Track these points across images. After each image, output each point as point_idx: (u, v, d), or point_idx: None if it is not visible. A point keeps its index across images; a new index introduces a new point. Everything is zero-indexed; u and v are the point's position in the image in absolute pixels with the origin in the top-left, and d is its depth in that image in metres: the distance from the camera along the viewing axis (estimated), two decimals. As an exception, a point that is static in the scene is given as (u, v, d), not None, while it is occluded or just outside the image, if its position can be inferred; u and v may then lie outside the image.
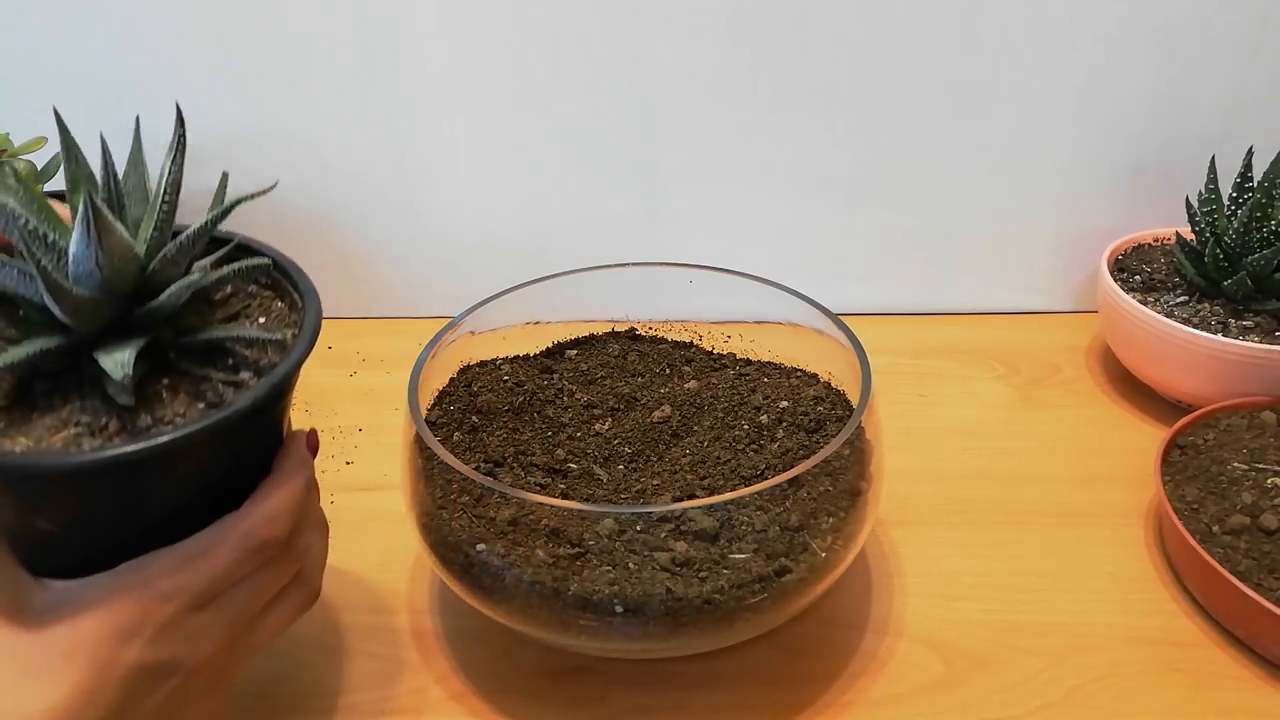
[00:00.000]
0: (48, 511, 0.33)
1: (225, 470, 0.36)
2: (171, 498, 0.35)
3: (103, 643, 0.32)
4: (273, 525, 0.36)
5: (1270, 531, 0.51)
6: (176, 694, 0.34)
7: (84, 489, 0.33)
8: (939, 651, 0.50)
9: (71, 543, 0.34)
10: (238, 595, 0.36)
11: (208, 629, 0.35)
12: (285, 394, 0.38)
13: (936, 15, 0.69)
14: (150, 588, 0.33)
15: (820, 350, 0.56)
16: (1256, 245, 0.64)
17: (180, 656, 0.34)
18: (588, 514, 0.43)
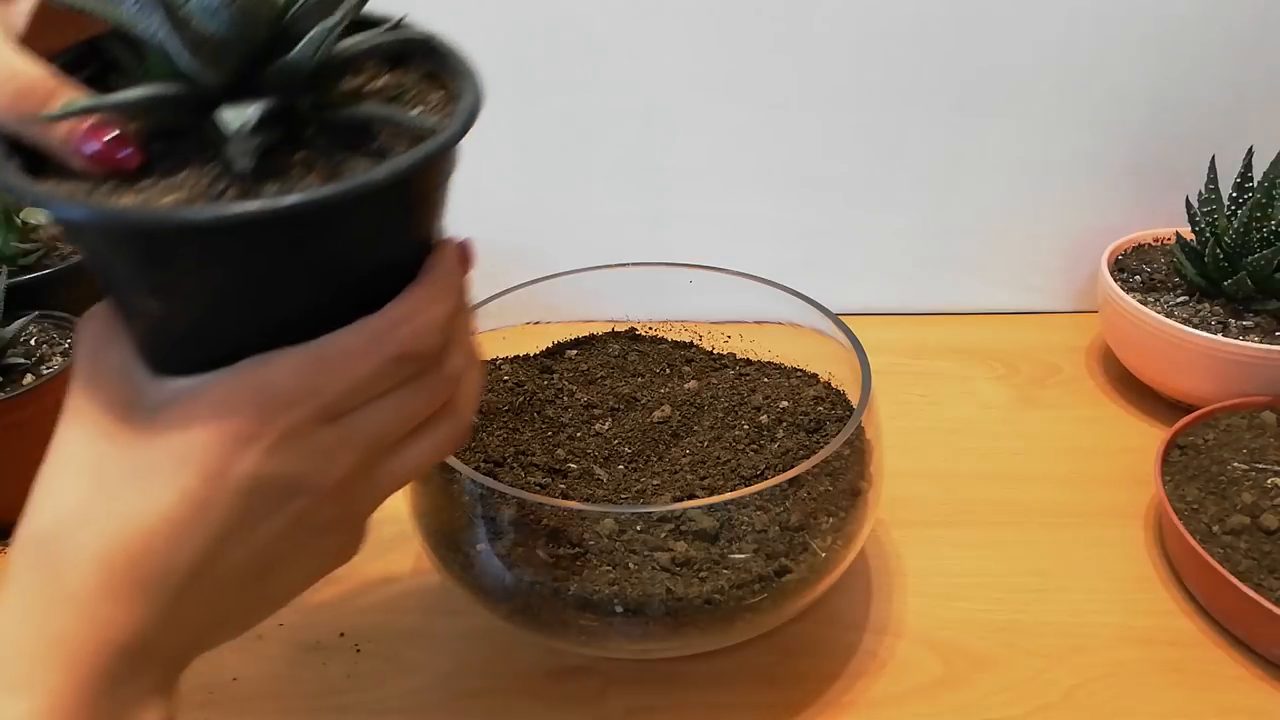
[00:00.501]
0: (160, 287, 0.29)
1: (365, 266, 0.31)
2: (299, 288, 0.30)
3: (216, 448, 0.28)
4: (417, 334, 0.31)
5: (1270, 531, 0.51)
6: (300, 520, 0.30)
7: (196, 256, 0.28)
8: (939, 651, 0.50)
9: (188, 332, 0.30)
10: (376, 414, 0.31)
11: (338, 448, 0.30)
12: (434, 180, 0.33)
13: (936, 15, 0.69)
14: (272, 389, 0.29)
15: (820, 350, 0.56)
16: (1256, 245, 0.64)
17: (304, 474, 0.30)
18: (588, 514, 0.43)
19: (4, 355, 0.58)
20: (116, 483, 0.29)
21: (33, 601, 0.28)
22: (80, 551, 0.28)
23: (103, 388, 0.30)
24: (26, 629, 0.27)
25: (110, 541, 0.28)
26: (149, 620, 0.28)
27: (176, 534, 0.28)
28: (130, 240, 0.28)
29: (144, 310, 0.30)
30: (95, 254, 0.30)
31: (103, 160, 0.28)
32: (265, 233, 0.28)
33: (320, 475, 0.30)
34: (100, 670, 0.27)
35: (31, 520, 0.29)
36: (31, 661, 0.27)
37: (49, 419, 0.61)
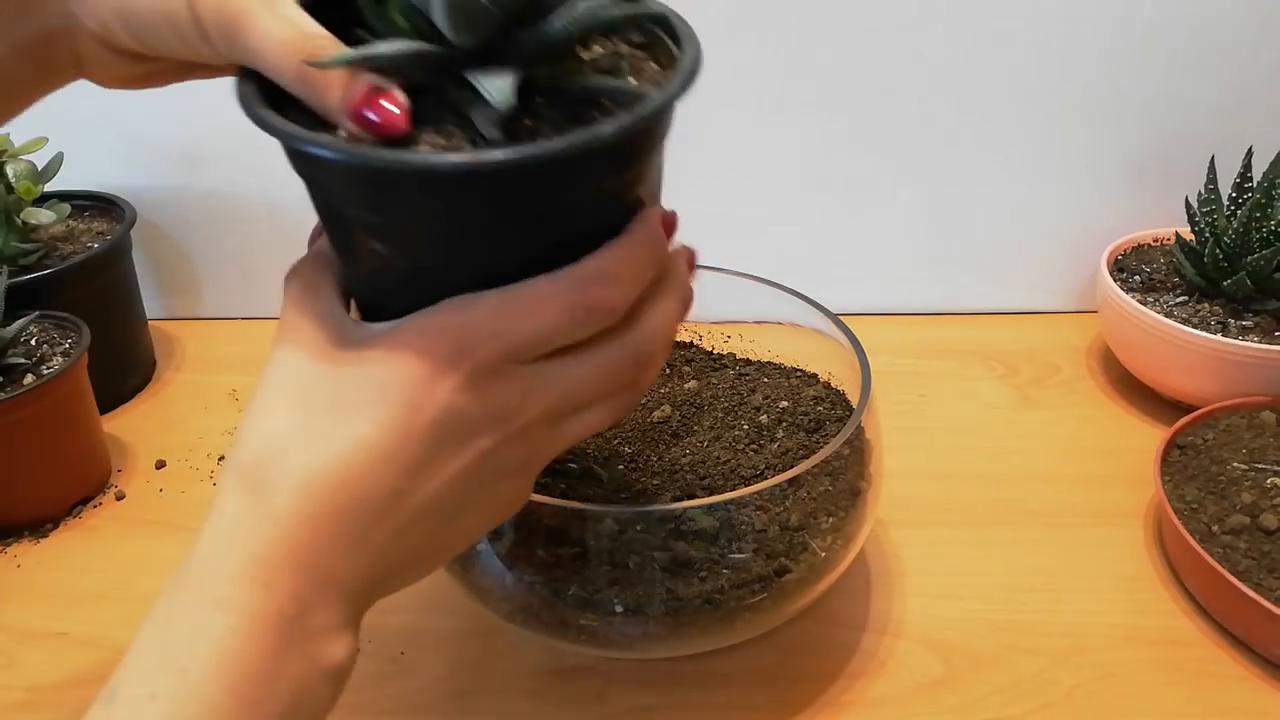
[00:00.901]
0: (389, 230, 0.31)
1: (578, 223, 0.32)
2: (516, 240, 0.31)
3: (417, 379, 0.30)
4: (606, 284, 0.31)
5: (1270, 531, 0.51)
6: (485, 459, 0.31)
7: (426, 202, 0.30)
8: (939, 651, 0.50)
9: (400, 277, 0.32)
10: (567, 369, 0.32)
11: (527, 393, 0.31)
12: (652, 140, 0.34)
13: (937, 16, 0.69)
14: (470, 325, 0.30)
15: (820, 350, 0.56)
16: (1256, 245, 0.64)
17: (494, 411, 0.31)
18: (588, 514, 0.43)
19: (4, 355, 0.58)
20: (321, 411, 0.30)
21: (237, 521, 0.29)
22: (284, 476, 0.29)
23: (309, 328, 0.32)
24: (230, 547, 0.29)
25: (312, 467, 0.29)
26: (342, 548, 0.29)
27: (374, 463, 0.29)
28: (372, 183, 0.30)
29: (364, 253, 0.32)
30: (331, 196, 0.32)
31: (379, 125, 0.29)
32: (499, 184, 0.29)
33: (508, 417, 0.31)
34: (294, 595, 0.28)
35: (240, 445, 0.30)
36: (233, 580, 0.28)
37: (49, 419, 0.61)
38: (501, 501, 0.34)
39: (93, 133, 0.76)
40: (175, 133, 0.76)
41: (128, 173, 0.77)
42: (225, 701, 0.27)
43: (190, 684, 0.27)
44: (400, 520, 0.30)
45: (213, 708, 0.27)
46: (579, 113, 0.31)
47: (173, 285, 0.82)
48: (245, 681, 0.27)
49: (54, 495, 0.60)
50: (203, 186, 0.78)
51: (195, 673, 0.27)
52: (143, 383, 0.74)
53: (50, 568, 0.57)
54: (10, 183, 0.66)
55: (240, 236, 0.80)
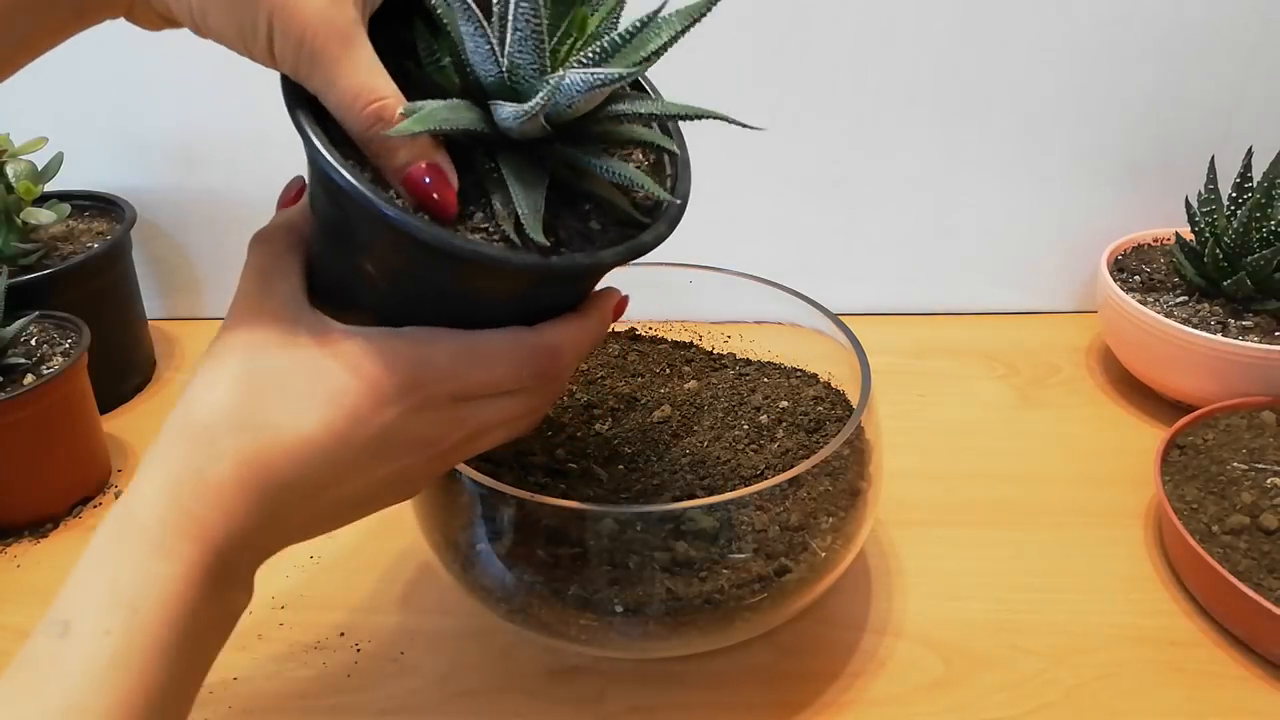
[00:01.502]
0: (385, 265, 0.34)
1: (549, 304, 0.36)
2: (494, 307, 0.35)
3: (369, 396, 0.33)
4: (556, 356, 0.36)
5: (1270, 531, 0.51)
6: (405, 471, 0.35)
7: (432, 263, 0.33)
8: (939, 651, 0.50)
9: (381, 298, 0.35)
10: (494, 406, 0.36)
11: (458, 424, 0.35)
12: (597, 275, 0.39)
13: (936, 16, 0.69)
14: (429, 363, 0.34)
15: (820, 350, 0.56)
16: (1256, 245, 0.64)
17: (425, 438, 0.35)
18: (588, 514, 0.43)
19: (4, 355, 0.58)
20: (272, 397, 0.33)
21: (178, 479, 0.32)
22: (228, 449, 0.32)
23: (269, 309, 0.34)
24: (173, 503, 0.32)
25: (254, 447, 0.32)
26: (264, 518, 0.33)
27: (311, 459, 0.33)
28: (388, 233, 0.32)
29: (352, 266, 0.35)
30: (346, 220, 0.34)
31: (435, 204, 0.32)
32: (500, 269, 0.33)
33: (436, 442, 0.35)
34: (219, 551, 0.32)
35: (188, 406, 0.33)
36: (175, 533, 0.31)
37: (49, 419, 0.61)
38: (403, 495, 0.38)
39: (93, 133, 0.76)
40: (175, 133, 0.76)
41: (128, 173, 0.77)
42: (167, 635, 0.30)
43: (139, 619, 0.30)
44: (316, 508, 0.34)
45: (157, 640, 0.30)
46: (573, 201, 0.35)
47: (173, 285, 0.82)
48: (182, 618, 0.31)
49: (54, 495, 0.60)
50: (203, 186, 0.78)
51: (143, 610, 0.30)
52: (143, 383, 0.74)
53: (50, 568, 0.57)
54: (10, 183, 0.66)
55: (240, 236, 0.79)
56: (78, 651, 0.29)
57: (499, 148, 0.33)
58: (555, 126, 0.33)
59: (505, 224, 0.33)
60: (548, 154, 0.34)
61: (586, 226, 0.35)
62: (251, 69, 0.34)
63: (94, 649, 0.29)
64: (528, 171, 0.33)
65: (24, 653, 0.30)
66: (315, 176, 0.35)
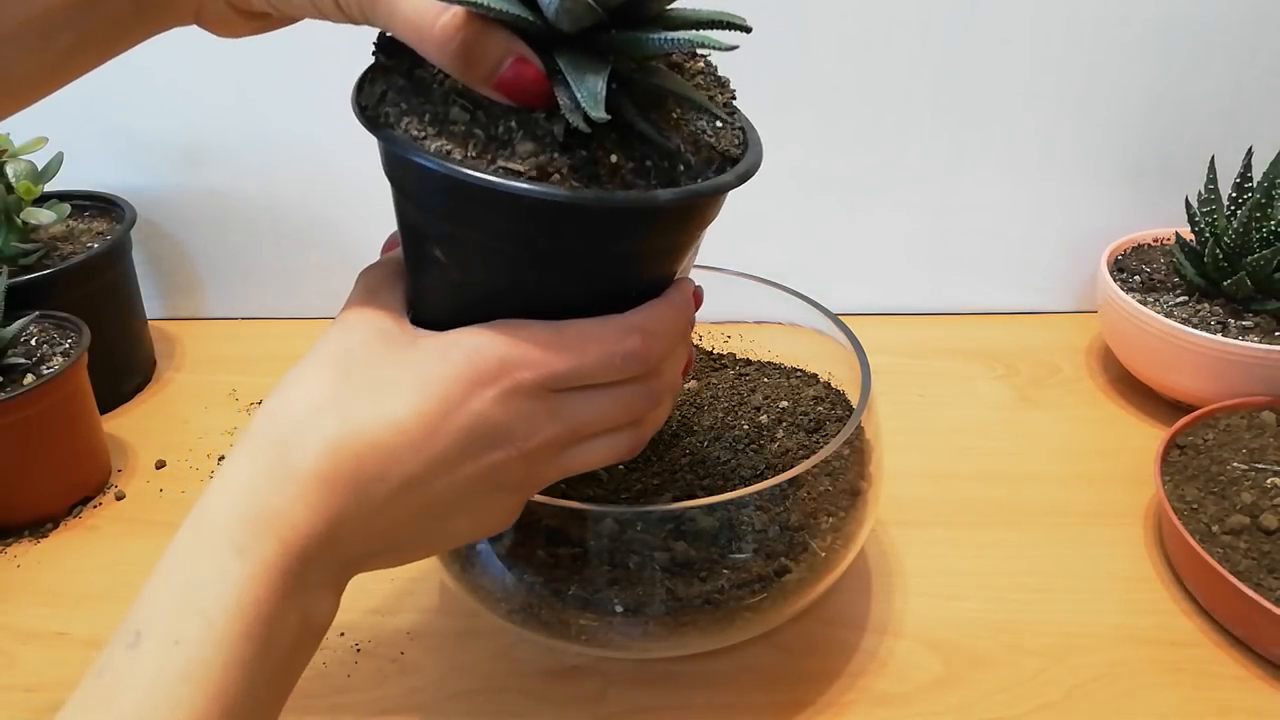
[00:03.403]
0: (446, 239, 0.33)
1: (629, 272, 0.35)
2: (572, 275, 0.34)
3: (460, 381, 0.32)
4: (649, 337, 0.34)
5: (1270, 531, 0.51)
6: (494, 470, 0.34)
7: (512, 224, 0.32)
8: (939, 651, 0.50)
9: (460, 290, 0.34)
10: (588, 401, 0.35)
11: (550, 416, 0.34)
12: (712, 213, 0.36)
13: (936, 15, 0.69)
14: (518, 348, 0.33)
15: (820, 350, 0.56)
16: (1256, 245, 0.64)
17: (515, 430, 0.33)
18: (588, 514, 0.43)
19: (4, 355, 0.58)
20: (363, 388, 0.32)
21: (262, 472, 0.31)
22: (315, 438, 0.31)
23: (369, 315, 0.35)
24: (254, 498, 0.30)
25: (342, 435, 0.31)
26: (348, 517, 0.31)
27: (400, 447, 0.32)
28: (458, 197, 0.32)
29: (427, 256, 0.34)
30: (413, 200, 0.34)
31: (521, 91, 0.31)
32: (577, 217, 0.31)
33: (526, 435, 0.34)
34: (301, 550, 0.30)
35: (275, 399, 0.33)
36: (252, 530, 0.30)
37: (49, 419, 0.61)
38: (493, 513, 0.36)
39: (93, 133, 0.76)
40: (175, 133, 0.76)
41: (128, 173, 0.77)
42: (242, 645, 0.29)
43: (214, 630, 0.28)
44: (406, 506, 0.32)
45: (231, 650, 0.28)
46: (647, 155, 0.33)
47: (173, 285, 0.82)
48: (259, 625, 0.29)
49: (54, 495, 0.60)
50: (203, 186, 0.78)
51: (217, 618, 0.28)
52: (143, 383, 0.74)
53: (50, 568, 0.57)
54: (10, 183, 0.66)
55: (240, 236, 0.80)
56: (147, 663, 0.28)
57: (557, 46, 0.32)
58: (608, 10, 0.31)
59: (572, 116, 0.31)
60: (605, 43, 0.32)
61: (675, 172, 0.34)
62: (252, 69, 0.34)
63: (163, 660, 0.28)
64: (585, 61, 0.31)
65: (99, 662, 0.29)
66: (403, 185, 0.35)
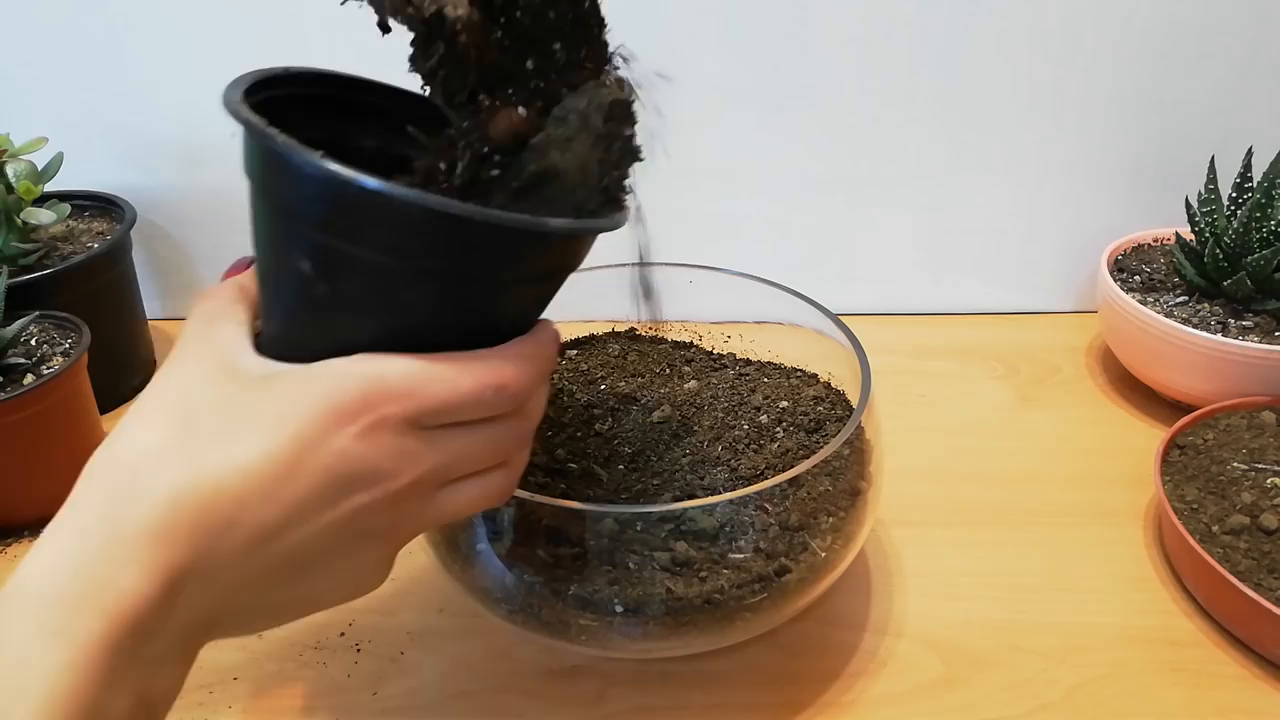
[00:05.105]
0: (317, 252, 0.31)
1: (496, 315, 0.34)
2: (440, 309, 0.32)
3: (317, 417, 0.29)
4: (520, 373, 0.32)
5: (1270, 531, 0.51)
6: (357, 515, 0.30)
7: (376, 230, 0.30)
8: (939, 651, 0.50)
9: (321, 315, 0.32)
10: (456, 439, 0.32)
11: (418, 455, 0.31)
12: (580, 253, 0.37)
13: (936, 15, 0.69)
14: (384, 380, 0.30)
15: (820, 350, 0.56)
16: (1256, 245, 0.64)
17: (379, 469, 0.30)
18: (588, 514, 0.43)
19: (4, 355, 0.58)
20: (207, 432, 0.29)
21: (87, 535, 0.28)
22: (150, 490, 0.28)
23: (211, 349, 0.32)
24: (73, 568, 0.27)
25: (182, 485, 0.28)
26: (191, 576, 0.28)
27: (250, 494, 0.28)
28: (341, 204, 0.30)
29: (293, 268, 0.32)
30: (284, 206, 0.32)
31: None
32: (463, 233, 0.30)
33: (393, 475, 0.31)
34: (133, 622, 0.27)
35: (109, 448, 0.30)
36: (71, 606, 0.26)
37: (49, 419, 0.61)
38: (362, 567, 0.33)
39: (93, 133, 0.76)
40: (175, 133, 0.76)
41: (128, 173, 0.77)
42: None
43: None
44: (260, 560, 0.29)
45: None
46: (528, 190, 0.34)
47: (173, 285, 0.82)
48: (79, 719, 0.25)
49: (54, 495, 0.59)
50: (203, 186, 0.78)
51: (18, 717, 0.25)
52: (143, 383, 0.74)
53: (50, 568, 0.57)
54: (10, 183, 0.66)
55: (240, 236, 0.79)
56: None
57: None
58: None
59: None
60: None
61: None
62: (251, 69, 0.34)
63: None
64: None
65: None
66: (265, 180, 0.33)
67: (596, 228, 0.34)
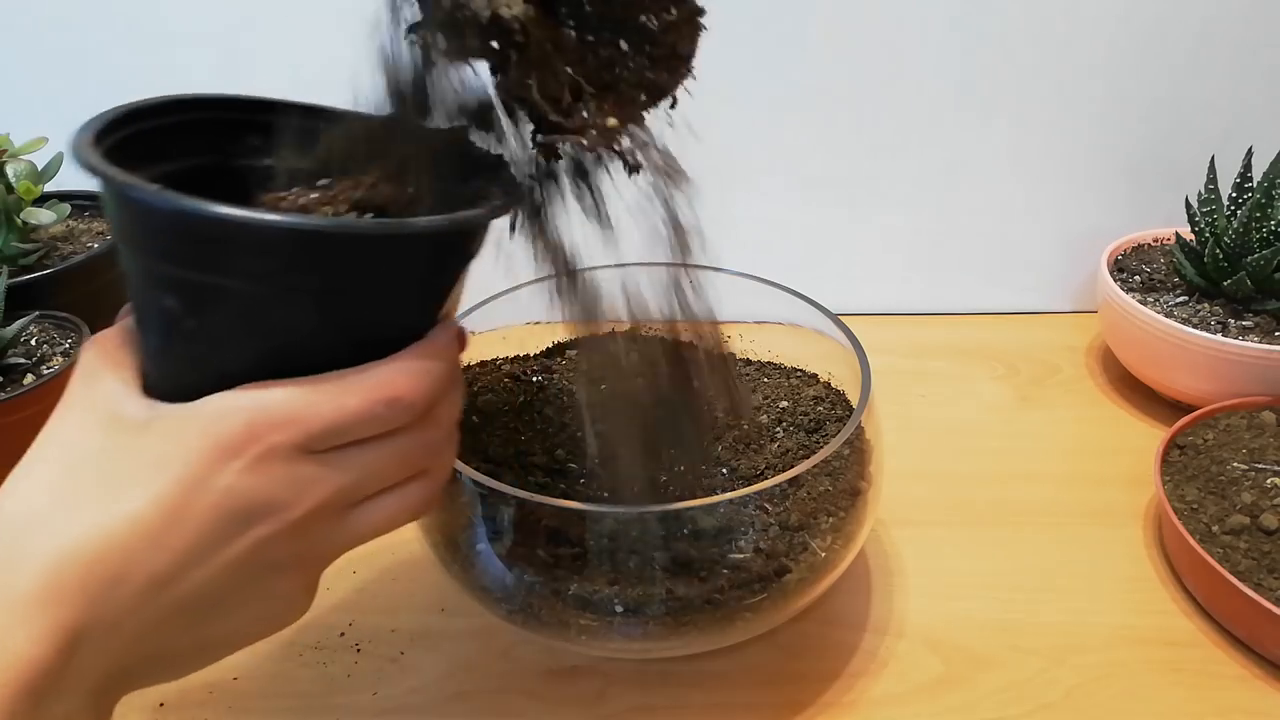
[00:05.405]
0: (182, 286, 0.30)
1: (382, 325, 0.33)
2: (313, 320, 0.31)
3: (202, 456, 0.28)
4: (412, 383, 0.31)
5: (1270, 531, 0.51)
6: (260, 549, 0.30)
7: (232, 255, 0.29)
8: (939, 651, 0.50)
9: (198, 350, 0.31)
10: (356, 458, 0.31)
11: (313, 481, 0.30)
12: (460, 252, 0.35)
13: (937, 15, 0.69)
14: (266, 409, 0.29)
15: (820, 350, 0.56)
16: (1256, 245, 0.64)
17: (275, 499, 0.29)
18: (588, 514, 0.43)
19: (4, 355, 0.58)
20: (91, 484, 0.28)
21: None
22: (34, 552, 0.27)
23: (95, 398, 0.30)
24: None
25: (67, 545, 0.27)
26: (86, 635, 0.27)
27: (139, 543, 0.28)
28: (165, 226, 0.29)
29: (161, 310, 0.31)
30: (142, 243, 0.31)
31: None
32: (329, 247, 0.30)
33: (290, 505, 0.30)
34: (28, 686, 0.26)
35: (2, 503, 0.29)
36: None
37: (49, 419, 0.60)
38: (278, 598, 0.32)
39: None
40: (175, 133, 0.76)
41: (128, 173, 0.77)
42: None
43: None
44: (158, 609, 0.28)
45: None
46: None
47: (173, 285, 0.82)
48: None
49: (54, 495, 0.60)
50: (203, 186, 0.78)
51: None
52: (143, 383, 0.74)
53: (50, 568, 0.57)
54: (10, 183, 0.66)
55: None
56: None
57: None
58: None
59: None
60: None
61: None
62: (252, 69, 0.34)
63: None
64: None
65: None
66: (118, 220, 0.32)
67: (468, 222, 0.33)
